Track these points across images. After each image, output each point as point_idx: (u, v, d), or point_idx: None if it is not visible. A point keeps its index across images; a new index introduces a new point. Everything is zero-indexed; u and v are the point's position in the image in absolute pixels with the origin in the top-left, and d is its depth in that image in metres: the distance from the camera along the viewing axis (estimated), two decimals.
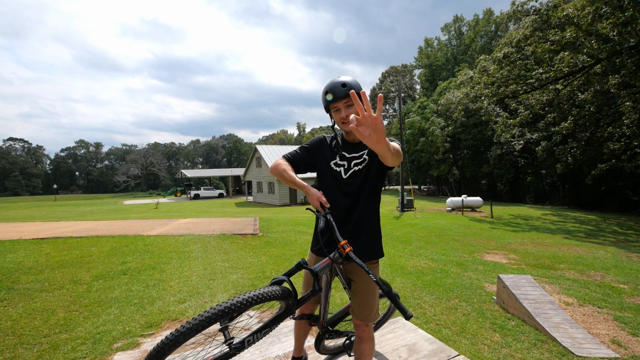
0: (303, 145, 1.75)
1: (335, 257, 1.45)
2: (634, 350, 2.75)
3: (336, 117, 1.58)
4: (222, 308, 1.17)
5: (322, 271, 1.46)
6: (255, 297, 1.25)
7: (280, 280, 1.38)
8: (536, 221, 14.19)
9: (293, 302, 1.42)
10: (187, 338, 1.12)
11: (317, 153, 1.71)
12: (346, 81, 1.52)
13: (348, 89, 1.50)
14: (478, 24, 37.23)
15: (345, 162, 1.64)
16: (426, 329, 2.88)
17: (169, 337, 1.11)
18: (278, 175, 1.61)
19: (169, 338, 1.11)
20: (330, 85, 1.55)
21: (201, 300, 3.59)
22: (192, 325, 1.12)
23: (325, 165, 1.68)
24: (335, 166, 1.65)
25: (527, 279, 3.74)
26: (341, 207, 1.59)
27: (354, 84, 1.54)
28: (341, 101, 1.53)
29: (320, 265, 1.46)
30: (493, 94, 14.54)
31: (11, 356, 2.47)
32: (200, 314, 1.16)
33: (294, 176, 1.59)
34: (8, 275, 4.45)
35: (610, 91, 13.24)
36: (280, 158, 1.67)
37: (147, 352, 2.49)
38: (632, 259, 6.76)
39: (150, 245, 6.39)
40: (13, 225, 10.18)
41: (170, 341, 1.10)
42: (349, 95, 1.49)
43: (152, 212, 18.01)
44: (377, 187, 1.65)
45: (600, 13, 11.01)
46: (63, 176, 73.87)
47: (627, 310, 3.65)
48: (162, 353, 1.10)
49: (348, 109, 1.53)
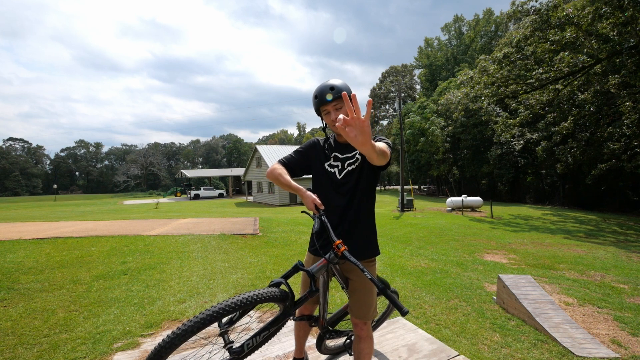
0: (297, 149, 1.80)
1: (331, 257, 1.47)
2: (634, 350, 2.75)
3: (326, 119, 1.61)
4: (218, 309, 1.18)
5: (318, 272, 1.47)
6: (252, 298, 1.25)
7: (277, 283, 1.39)
8: (536, 221, 14.19)
9: (290, 304, 1.43)
10: (184, 340, 1.12)
11: (311, 156, 1.76)
12: (335, 85, 1.55)
13: (336, 92, 1.53)
14: (478, 24, 37.23)
15: (339, 162, 1.67)
16: (426, 329, 2.88)
17: (166, 339, 1.12)
18: (274, 179, 1.66)
19: (166, 341, 1.11)
20: (319, 89, 1.58)
21: (201, 300, 3.59)
22: (188, 327, 1.13)
23: (320, 167, 1.72)
24: (330, 167, 1.69)
25: (527, 279, 3.74)
26: (337, 207, 1.63)
27: (343, 87, 1.56)
28: (330, 104, 1.56)
29: (316, 267, 1.47)
30: (493, 94, 14.53)
31: (11, 356, 2.47)
32: (196, 315, 1.17)
33: (289, 180, 1.62)
34: (8, 275, 4.45)
35: (610, 91, 13.23)
36: (276, 162, 1.73)
37: (147, 352, 2.49)
38: (632, 259, 6.76)
39: (150, 245, 6.39)
40: (13, 225, 10.18)
41: (167, 344, 1.11)
42: (337, 99, 1.54)
43: (152, 212, 18.01)
44: (371, 185, 1.69)
45: (600, 13, 11.01)
46: (63, 176, 73.86)
47: (627, 310, 3.65)
48: (160, 356, 1.11)
49: (337, 112, 1.56)
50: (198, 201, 33.26)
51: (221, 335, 1.29)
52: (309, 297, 1.47)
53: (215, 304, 1.36)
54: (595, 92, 13.81)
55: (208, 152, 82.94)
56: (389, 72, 45.43)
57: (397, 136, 30.53)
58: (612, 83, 12.64)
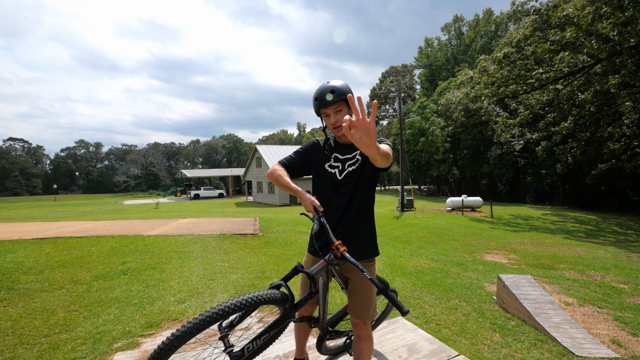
0: (297, 150, 1.79)
1: (330, 258, 1.47)
2: (634, 351, 2.74)
3: (326, 121, 1.62)
4: (217, 310, 1.18)
5: (318, 274, 1.47)
6: (252, 299, 1.25)
7: (277, 285, 1.39)
8: (536, 221, 14.19)
9: (290, 306, 1.43)
10: (184, 342, 1.13)
11: (312, 156, 1.76)
12: (335, 86, 1.54)
13: (337, 94, 1.52)
14: (478, 24, 37.23)
15: (339, 163, 1.68)
16: (426, 329, 2.88)
17: (165, 341, 1.12)
18: (274, 180, 1.67)
19: (165, 343, 1.12)
20: (319, 91, 1.57)
21: (201, 300, 3.59)
22: (188, 329, 1.13)
23: (320, 168, 1.72)
24: (330, 168, 1.69)
25: (527, 279, 3.74)
26: (337, 207, 1.64)
27: (344, 88, 1.55)
28: (330, 106, 1.55)
29: (316, 268, 1.47)
30: (493, 94, 14.53)
31: (11, 356, 2.47)
32: (196, 317, 1.17)
33: (289, 181, 1.63)
34: (8, 275, 4.45)
35: (610, 91, 13.23)
36: (276, 164, 1.73)
37: (147, 352, 2.49)
38: (632, 259, 6.76)
39: (150, 245, 6.39)
40: (13, 225, 10.18)
41: (166, 345, 1.11)
42: (338, 102, 1.53)
43: (152, 212, 18.01)
44: (371, 186, 1.69)
45: (600, 13, 11.00)
46: (63, 176, 73.87)
47: (627, 310, 3.65)
48: (160, 358, 1.12)
49: (337, 114, 1.57)
50: (198, 201, 33.26)
51: (221, 339, 1.29)
52: (309, 299, 1.47)
53: (215, 304, 1.36)
54: (595, 92, 13.81)
55: (208, 152, 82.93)
56: (389, 72, 45.45)
57: (397, 136, 30.53)
58: (612, 83, 12.64)
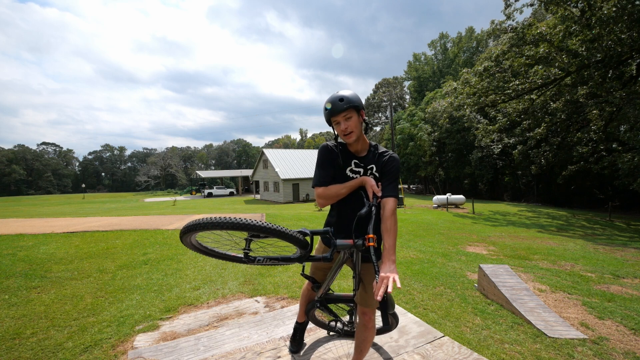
0: (322, 162, 1.60)
1: (359, 243, 1.38)
2: (600, 332, 2.74)
3: (337, 129, 1.52)
4: (252, 224, 1.20)
5: (341, 246, 1.38)
6: (280, 231, 1.27)
7: (304, 233, 1.38)
8: (513, 217, 14.18)
9: (305, 254, 1.39)
10: (214, 228, 1.20)
11: (334, 163, 1.61)
12: (344, 96, 1.46)
13: (346, 103, 1.45)
14: (461, 41, 37.21)
15: (361, 169, 1.58)
16: (415, 313, 2.87)
17: (205, 219, 1.20)
18: (335, 198, 1.56)
19: (205, 219, 1.20)
20: (329, 100, 1.48)
21: (214, 287, 3.59)
22: (222, 221, 1.18)
23: (340, 173, 1.60)
24: (352, 173, 1.58)
25: (504, 268, 3.73)
26: (355, 212, 1.50)
27: (353, 98, 1.47)
28: (340, 115, 1.47)
29: (343, 242, 1.38)
30: (474, 103, 14.49)
31: (44, 337, 2.48)
32: (236, 217, 1.21)
33: (344, 185, 1.54)
34: (41, 265, 4.46)
35: (579, 101, 13.20)
36: (320, 188, 1.57)
37: (165, 333, 2.49)
38: (598, 251, 6.75)
39: (169, 238, 6.38)
40: (46, 220, 10.18)
41: (203, 221, 1.20)
42: (347, 109, 1.46)
43: (170, 209, 17.99)
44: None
45: (570, 31, 11.00)
46: (90, 176, 73.81)
47: (594, 296, 3.65)
48: (194, 228, 1.23)
49: (347, 122, 1.48)
50: (211, 199, 33.22)
51: (246, 241, 1.34)
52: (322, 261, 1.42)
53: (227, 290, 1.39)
54: (566, 101, 13.78)
55: (220, 155, 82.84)
56: (381, 83, 45.42)
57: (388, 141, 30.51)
58: (580, 93, 12.61)
